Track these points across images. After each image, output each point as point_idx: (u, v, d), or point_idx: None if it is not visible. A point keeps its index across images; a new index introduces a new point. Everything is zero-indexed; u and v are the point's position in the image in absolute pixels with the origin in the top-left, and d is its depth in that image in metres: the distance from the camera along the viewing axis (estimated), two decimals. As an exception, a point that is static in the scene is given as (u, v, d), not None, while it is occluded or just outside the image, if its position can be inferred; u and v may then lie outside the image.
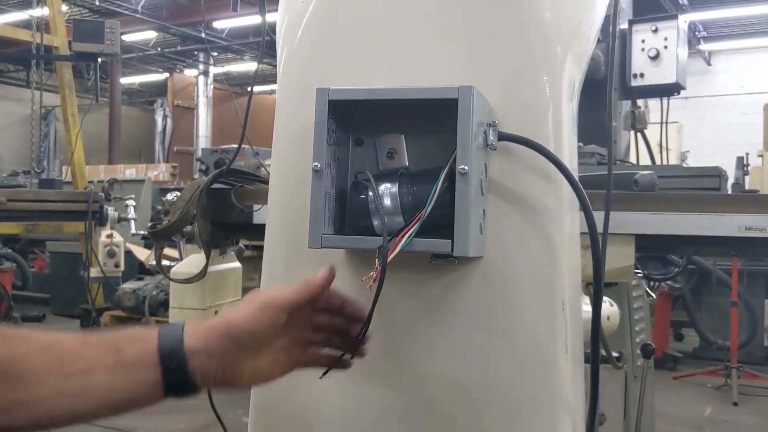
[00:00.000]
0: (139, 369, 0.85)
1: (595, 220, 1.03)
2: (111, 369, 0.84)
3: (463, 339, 1.03)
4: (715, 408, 5.53)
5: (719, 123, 15.95)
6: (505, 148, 1.01)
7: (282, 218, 1.16)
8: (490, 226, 1.01)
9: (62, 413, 0.82)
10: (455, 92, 0.92)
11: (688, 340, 7.41)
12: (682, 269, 4.54)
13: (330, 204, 1.00)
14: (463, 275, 1.02)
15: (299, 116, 1.11)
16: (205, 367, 0.86)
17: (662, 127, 3.95)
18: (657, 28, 3.28)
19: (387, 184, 0.99)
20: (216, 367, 0.87)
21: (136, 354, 0.85)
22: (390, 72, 1.09)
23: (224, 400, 1.69)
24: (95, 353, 0.85)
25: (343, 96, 0.98)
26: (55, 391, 0.82)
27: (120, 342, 0.86)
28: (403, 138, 1.03)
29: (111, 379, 0.84)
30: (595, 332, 1.11)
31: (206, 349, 0.87)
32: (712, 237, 1.54)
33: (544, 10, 1.05)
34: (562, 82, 1.05)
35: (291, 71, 1.17)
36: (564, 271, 1.03)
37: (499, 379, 1.02)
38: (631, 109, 3.60)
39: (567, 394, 1.03)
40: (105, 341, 0.86)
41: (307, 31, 1.15)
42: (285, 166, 1.16)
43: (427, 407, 1.05)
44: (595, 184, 1.36)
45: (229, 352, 0.87)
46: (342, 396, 1.09)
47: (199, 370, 0.86)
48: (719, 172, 2.73)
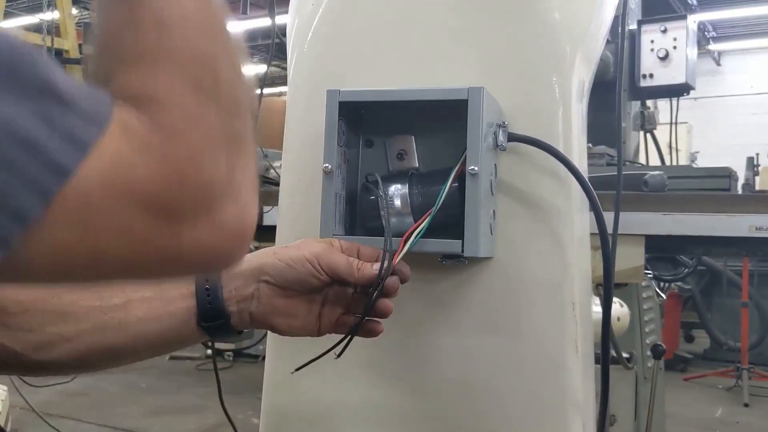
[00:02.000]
0: (174, 299, 0.86)
1: (605, 220, 1.03)
2: (148, 300, 0.85)
3: (472, 339, 1.03)
4: (726, 409, 5.50)
5: (729, 123, 15.87)
6: (514, 149, 1.01)
7: (293, 219, 1.17)
8: (500, 227, 1.01)
9: (99, 348, 0.83)
10: (465, 93, 0.93)
11: (699, 342, 7.38)
12: (692, 270, 4.52)
13: (340, 205, 1.01)
14: (472, 275, 1.02)
15: (310, 118, 1.11)
16: (241, 291, 0.87)
17: (672, 128, 3.94)
18: (666, 28, 3.27)
19: (397, 185, 0.99)
20: (250, 299, 0.87)
21: (173, 285, 0.86)
22: (400, 73, 1.09)
23: (234, 402, 1.70)
24: (135, 286, 0.86)
25: (353, 98, 0.99)
26: (95, 326, 0.83)
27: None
28: (413, 139, 1.03)
29: (147, 310, 0.84)
30: (606, 333, 1.11)
31: (245, 274, 0.87)
32: (723, 237, 1.55)
33: (553, 11, 1.05)
34: (571, 82, 1.05)
35: (301, 73, 1.18)
36: (574, 272, 1.03)
37: (509, 380, 1.02)
38: (640, 110, 3.59)
39: (577, 395, 1.03)
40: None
41: (317, 33, 1.16)
42: (296, 168, 1.17)
43: (438, 407, 1.05)
44: (605, 184, 1.37)
45: (273, 278, 0.87)
46: (352, 396, 1.10)
47: (234, 299, 0.86)
48: (729, 172, 2.72)
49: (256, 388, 1.19)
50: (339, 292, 0.92)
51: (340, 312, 0.93)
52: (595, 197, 1.01)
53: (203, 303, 0.86)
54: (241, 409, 3.94)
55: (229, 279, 0.87)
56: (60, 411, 4.48)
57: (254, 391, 0.97)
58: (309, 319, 0.91)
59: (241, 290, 0.87)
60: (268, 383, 1.16)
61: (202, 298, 0.86)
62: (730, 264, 6.22)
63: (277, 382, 1.15)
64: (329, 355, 0.90)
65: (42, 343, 0.81)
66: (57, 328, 0.82)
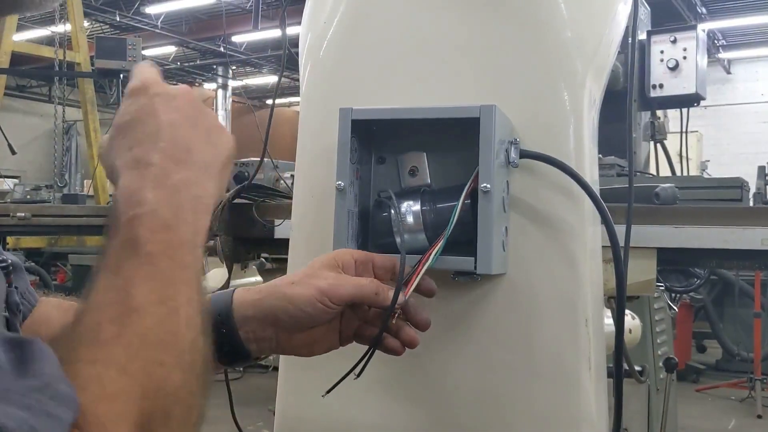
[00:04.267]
0: None
1: (617, 234, 1.03)
2: None
3: (486, 355, 1.03)
4: (739, 421, 5.46)
5: (740, 132, 15.81)
6: (527, 166, 1.02)
7: (306, 235, 1.17)
8: (513, 243, 1.02)
9: None
10: (477, 111, 0.93)
11: (711, 352, 7.33)
12: (703, 281, 4.50)
13: (353, 221, 1.01)
14: (486, 292, 1.02)
15: (322, 133, 1.12)
16: (258, 334, 0.88)
17: (682, 137, 3.93)
18: (676, 38, 3.27)
19: (409, 201, 1.00)
20: (268, 340, 0.88)
21: None
22: (412, 90, 1.10)
23: (246, 413, 1.70)
24: None
25: (365, 116, 1.00)
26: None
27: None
28: (425, 156, 1.04)
29: None
30: (619, 347, 1.11)
31: (258, 317, 0.88)
32: (735, 250, 1.54)
33: (565, 29, 1.06)
34: (583, 98, 1.06)
35: (314, 89, 1.19)
36: (586, 287, 1.03)
37: (523, 395, 1.02)
38: (650, 120, 3.59)
39: (591, 410, 1.03)
40: None
41: (329, 49, 1.17)
42: (308, 183, 1.17)
43: (451, 423, 1.05)
44: (616, 197, 1.37)
45: (285, 323, 0.88)
46: (366, 410, 1.10)
47: (252, 340, 0.87)
48: (741, 183, 2.71)
49: (268, 399, 1.19)
50: (356, 306, 0.92)
51: (358, 321, 0.93)
52: (607, 214, 1.02)
53: (221, 343, 0.86)
54: (251, 421, 3.94)
55: (244, 322, 0.88)
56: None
57: (265, 402, 0.97)
58: (330, 338, 0.93)
59: (258, 333, 0.88)
60: (281, 394, 1.17)
61: (220, 339, 0.86)
62: (742, 274, 6.18)
63: (289, 394, 1.16)
64: (345, 371, 0.91)
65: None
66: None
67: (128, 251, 0.61)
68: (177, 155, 0.68)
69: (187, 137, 0.71)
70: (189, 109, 0.73)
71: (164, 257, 0.62)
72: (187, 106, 0.73)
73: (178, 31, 15.44)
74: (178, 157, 0.68)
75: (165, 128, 0.70)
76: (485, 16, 1.08)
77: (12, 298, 0.80)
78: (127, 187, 0.65)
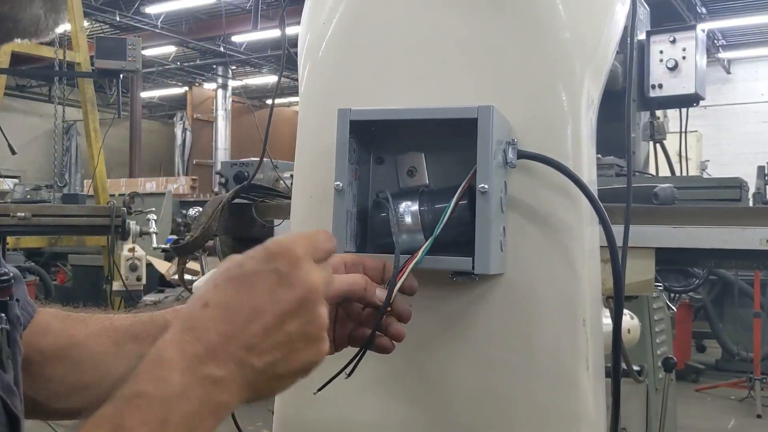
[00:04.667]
0: None
1: (614, 235, 1.04)
2: None
3: (484, 355, 1.03)
4: (738, 421, 5.46)
5: (739, 132, 15.81)
6: (524, 166, 1.02)
7: (304, 235, 1.17)
8: (511, 244, 1.02)
9: None
10: (475, 112, 0.94)
11: (711, 352, 7.33)
12: (702, 281, 4.50)
13: (352, 222, 1.01)
14: (483, 292, 1.02)
15: (321, 134, 1.13)
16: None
17: (681, 137, 3.93)
18: (675, 38, 3.27)
19: (408, 202, 1.00)
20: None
21: None
22: (410, 90, 1.10)
23: (245, 413, 1.71)
24: (147, 331, 0.87)
25: (364, 117, 1.00)
26: (112, 371, 0.84)
27: (169, 317, 0.89)
28: (423, 156, 1.04)
29: None
30: (616, 347, 1.11)
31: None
32: (734, 250, 1.54)
33: (563, 30, 1.06)
34: (581, 99, 1.06)
35: (313, 89, 1.19)
36: (585, 287, 1.03)
37: (520, 395, 1.03)
38: (649, 120, 3.59)
39: (588, 410, 1.03)
40: (156, 318, 0.89)
41: (328, 50, 1.17)
42: (307, 184, 1.18)
43: (449, 422, 1.06)
44: (615, 197, 1.37)
45: None
46: (364, 410, 1.10)
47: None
48: (740, 182, 2.71)
49: (267, 399, 1.19)
50: (349, 309, 0.92)
51: (351, 326, 0.93)
52: (604, 213, 1.02)
53: None
54: (251, 421, 3.94)
55: None
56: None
57: (265, 402, 0.98)
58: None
59: None
60: (280, 395, 1.17)
61: None
62: (741, 273, 6.18)
63: (288, 394, 1.16)
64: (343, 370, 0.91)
65: (63, 393, 0.83)
66: (77, 377, 0.83)
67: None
68: (250, 354, 0.65)
69: (277, 342, 0.67)
70: (301, 314, 0.68)
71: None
72: (304, 310, 0.68)
73: (178, 30, 15.45)
74: (249, 358, 0.66)
75: (265, 319, 0.66)
76: (484, 17, 1.08)
77: (12, 312, 0.79)
78: (180, 345, 0.64)
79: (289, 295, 0.66)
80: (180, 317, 0.67)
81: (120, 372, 0.84)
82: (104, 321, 0.89)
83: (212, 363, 0.64)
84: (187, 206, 4.86)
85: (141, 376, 0.63)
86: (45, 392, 0.81)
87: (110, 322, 0.89)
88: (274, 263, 0.67)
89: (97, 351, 0.85)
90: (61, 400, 0.82)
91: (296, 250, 0.68)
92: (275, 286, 0.66)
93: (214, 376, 0.64)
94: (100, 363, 0.85)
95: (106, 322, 0.89)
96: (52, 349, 0.84)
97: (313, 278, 0.68)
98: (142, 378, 0.63)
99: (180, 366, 0.63)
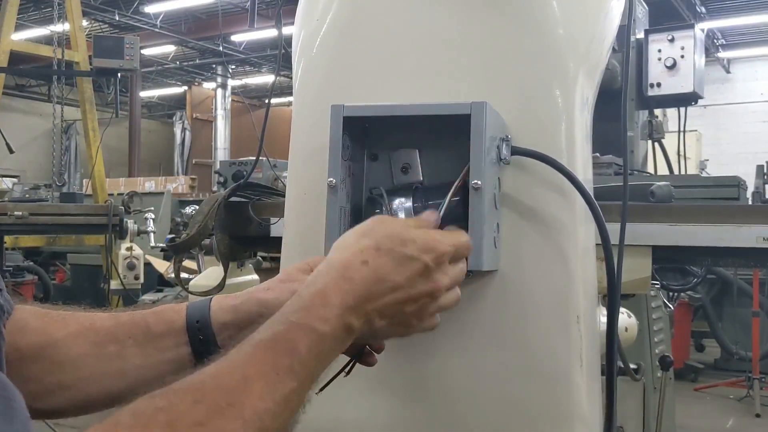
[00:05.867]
0: (169, 347, 0.86)
1: (608, 233, 1.03)
2: (142, 348, 0.86)
3: (477, 352, 1.03)
4: (737, 420, 5.46)
5: (739, 131, 15.81)
6: (518, 163, 1.02)
7: (298, 233, 1.17)
8: (504, 240, 1.02)
9: (98, 395, 0.84)
10: (468, 108, 0.93)
11: (710, 351, 7.33)
12: (701, 279, 4.50)
13: (345, 218, 1.01)
14: (477, 289, 1.02)
15: (315, 131, 1.12)
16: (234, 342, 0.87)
17: (680, 136, 3.93)
18: (673, 37, 3.27)
19: (401, 198, 1.00)
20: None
21: (165, 331, 0.87)
22: (404, 87, 1.10)
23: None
24: (128, 333, 0.86)
25: (357, 113, 1.00)
26: (92, 373, 0.84)
27: (150, 319, 0.88)
28: (417, 153, 1.04)
29: (144, 358, 0.86)
30: (611, 344, 1.11)
31: (235, 322, 0.88)
32: (730, 248, 1.54)
33: (557, 27, 1.06)
34: (575, 96, 1.06)
35: (306, 86, 1.19)
36: (578, 285, 1.03)
37: (514, 393, 1.02)
38: (648, 119, 3.58)
39: (583, 408, 1.03)
40: (136, 320, 0.88)
41: (322, 46, 1.17)
42: (301, 181, 1.17)
43: (442, 420, 1.05)
44: (612, 195, 1.36)
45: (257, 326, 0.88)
46: (357, 409, 1.10)
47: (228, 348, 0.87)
48: (738, 181, 2.71)
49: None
50: None
51: None
52: (598, 210, 1.02)
53: (199, 351, 0.87)
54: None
55: (221, 328, 0.88)
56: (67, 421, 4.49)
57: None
58: None
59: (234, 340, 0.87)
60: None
61: (197, 347, 0.87)
62: (740, 273, 6.18)
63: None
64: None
65: (40, 393, 0.82)
66: (55, 377, 0.83)
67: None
68: (378, 316, 0.78)
69: (397, 314, 0.80)
70: (423, 302, 0.82)
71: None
72: (426, 300, 0.82)
73: (177, 30, 15.44)
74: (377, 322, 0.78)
75: (398, 294, 0.79)
76: (478, 14, 1.08)
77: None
78: (327, 296, 0.75)
79: (423, 286, 0.80)
80: (337, 262, 0.78)
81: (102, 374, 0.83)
82: (84, 321, 0.88)
83: (354, 314, 0.76)
84: (185, 206, 4.86)
85: (311, 310, 0.74)
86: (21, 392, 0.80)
87: (91, 322, 0.88)
88: (426, 256, 0.80)
89: (76, 352, 0.84)
90: (38, 400, 0.81)
91: (444, 250, 0.82)
92: (417, 275, 0.79)
93: (352, 325, 0.76)
94: (79, 364, 0.84)
95: (86, 323, 0.87)
96: (30, 348, 0.82)
97: (444, 280, 0.82)
98: (312, 313, 0.74)
99: (337, 311, 0.74)
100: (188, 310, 0.88)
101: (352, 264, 0.78)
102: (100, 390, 0.84)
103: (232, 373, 0.68)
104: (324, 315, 0.74)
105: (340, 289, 0.76)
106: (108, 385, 0.84)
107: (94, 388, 0.84)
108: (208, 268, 2.27)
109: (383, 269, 0.78)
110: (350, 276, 0.77)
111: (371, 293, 0.77)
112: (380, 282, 0.77)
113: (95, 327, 0.87)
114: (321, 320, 0.73)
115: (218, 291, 1.98)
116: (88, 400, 0.84)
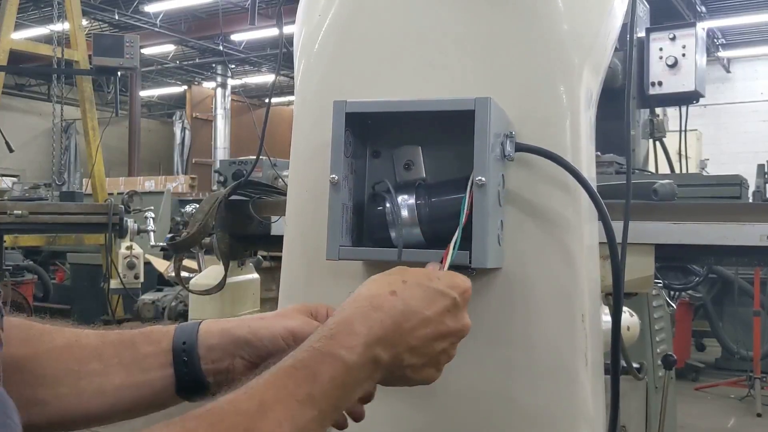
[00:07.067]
0: (152, 367, 0.85)
1: (614, 230, 1.03)
2: (126, 367, 0.84)
3: (481, 350, 1.02)
4: (738, 420, 5.45)
5: (739, 130, 15.79)
6: (523, 159, 1.01)
7: (300, 230, 1.16)
8: (509, 238, 1.01)
9: (75, 412, 0.83)
10: (472, 104, 0.92)
11: (711, 351, 7.32)
12: (702, 279, 4.49)
13: (347, 216, 1.00)
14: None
15: (317, 128, 1.11)
16: (218, 365, 0.86)
17: (681, 135, 3.92)
18: (675, 36, 3.26)
19: (404, 195, 0.99)
20: (225, 372, 0.87)
21: (151, 351, 0.86)
22: (407, 83, 1.09)
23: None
24: (113, 351, 0.85)
25: (360, 109, 0.99)
26: (71, 390, 0.82)
27: (137, 339, 0.87)
28: (420, 149, 1.03)
29: (126, 377, 0.84)
30: (615, 343, 1.10)
31: (222, 345, 0.87)
32: (733, 246, 1.53)
33: (561, 22, 1.05)
34: (579, 92, 1.05)
35: (308, 84, 1.18)
36: (583, 283, 1.02)
37: (518, 391, 1.01)
38: (649, 118, 3.58)
39: (587, 407, 1.02)
40: (124, 339, 0.87)
41: (324, 44, 1.16)
42: (303, 178, 1.16)
43: (446, 419, 1.04)
44: (614, 193, 1.36)
45: (247, 354, 0.87)
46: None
47: (212, 372, 0.86)
48: (740, 180, 2.70)
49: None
50: None
51: None
52: (603, 207, 1.01)
53: (181, 373, 0.86)
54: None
55: (207, 350, 0.87)
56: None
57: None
58: None
59: (218, 364, 0.87)
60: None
61: (180, 369, 0.86)
62: (741, 272, 6.17)
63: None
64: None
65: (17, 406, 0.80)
66: (33, 391, 0.81)
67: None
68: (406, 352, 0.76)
69: (426, 351, 0.78)
70: (450, 340, 0.80)
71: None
72: (453, 338, 0.81)
73: (177, 29, 15.42)
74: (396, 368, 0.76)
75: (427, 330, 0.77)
76: (481, 9, 1.07)
77: None
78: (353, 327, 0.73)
79: (452, 323, 0.79)
80: (365, 292, 0.77)
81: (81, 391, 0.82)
82: (70, 337, 0.86)
83: (381, 346, 0.73)
84: (185, 205, 4.85)
85: (336, 338, 0.72)
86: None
87: (76, 338, 0.86)
88: (455, 293, 0.80)
89: (57, 367, 0.83)
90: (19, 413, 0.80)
91: (469, 288, 0.82)
92: (446, 311, 0.78)
93: (379, 357, 0.73)
94: (60, 380, 0.82)
95: (71, 338, 0.86)
96: (11, 359, 0.81)
97: (468, 320, 0.82)
98: (337, 341, 0.72)
99: (364, 341, 0.72)
100: (176, 331, 0.87)
101: (381, 294, 0.76)
102: (78, 407, 0.82)
103: (250, 399, 0.66)
104: (349, 343, 0.72)
105: (368, 318, 0.73)
106: (86, 403, 0.83)
107: (72, 406, 0.82)
108: (208, 267, 2.27)
109: (413, 301, 0.77)
110: (378, 304, 0.75)
111: (400, 325, 0.75)
112: (410, 314, 0.76)
113: (80, 343, 0.85)
114: (346, 348, 0.71)
115: (219, 290, 1.97)
116: (64, 416, 0.82)
